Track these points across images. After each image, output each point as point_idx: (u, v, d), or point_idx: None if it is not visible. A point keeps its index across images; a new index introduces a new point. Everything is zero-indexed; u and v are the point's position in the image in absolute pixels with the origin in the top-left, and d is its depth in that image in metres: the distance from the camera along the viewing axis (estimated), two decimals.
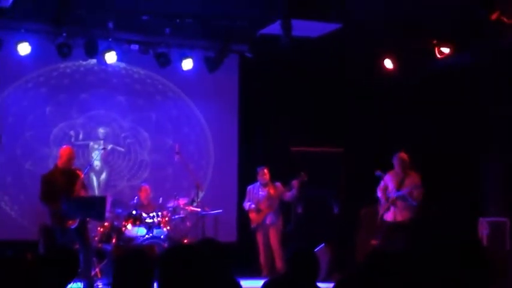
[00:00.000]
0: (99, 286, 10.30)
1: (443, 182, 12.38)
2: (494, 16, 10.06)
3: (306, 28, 11.79)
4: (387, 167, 11.34)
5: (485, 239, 11.11)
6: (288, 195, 12.52)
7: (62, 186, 10.15)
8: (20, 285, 4.83)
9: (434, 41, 12.18)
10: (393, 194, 11.01)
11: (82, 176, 10.48)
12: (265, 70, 14.07)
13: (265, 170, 12.56)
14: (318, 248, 12.06)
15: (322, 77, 14.05)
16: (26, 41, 12.48)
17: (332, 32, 12.04)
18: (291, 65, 13.79)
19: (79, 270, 10.07)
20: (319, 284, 5.38)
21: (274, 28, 11.66)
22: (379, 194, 11.28)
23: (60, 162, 10.40)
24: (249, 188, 12.76)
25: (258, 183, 12.62)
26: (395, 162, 11.16)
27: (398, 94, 13.52)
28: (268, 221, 12.44)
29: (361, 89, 14.00)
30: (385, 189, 11.22)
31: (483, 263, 3.94)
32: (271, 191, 12.49)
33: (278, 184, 12.60)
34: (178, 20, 12.13)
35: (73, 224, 10.06)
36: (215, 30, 12.94)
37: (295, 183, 12.34)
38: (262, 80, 14.17)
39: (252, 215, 12.57)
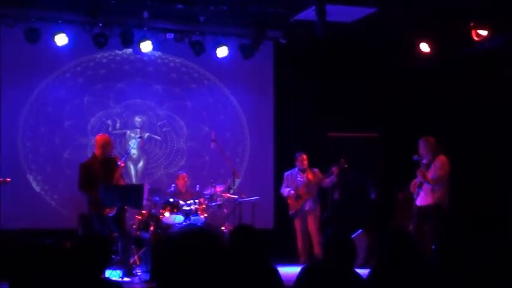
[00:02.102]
0: (138, 273, 10.35)
1: (481, 167, 12.26)
2: None
3: (340, 13, 11.74)
4: None
5: None
6: (327, 181, 12.48)
7: (99, 175, 10.19)
8: (59, 272, 4.89)
9: (471, 24, 12.04)
10: (419, 178, 10.91)
11: (122, 165, 10.53)
12: (300, 56, 14.01)
13: (304, 156, 12.53)
14: (355, 234, 12.04)
15: (357, 62, 13.96)
16: (62, 32, 12.59)
17: (367, 16, 11.97)
18: (325, 51, 13.72)
19: (118, 258, 10.25)
20: (357, 270, 5.38)
21: (309, 14, 11.62)
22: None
23: (96, 151, 10.45)
24: (287, 174, 12.74)
25: (296, 169, 12.59)
26: (421, 146, 11.00)
27: (435, 78, 13.39)
28: (306, 207, 12.42)
29: (396, 73, 13.89)
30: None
31: None
32: (310, 177, 12.46)
33: (316, 170, 12.57)
34: (212, 8, 12.13)
35: (111, 212, 10.12)
36: (249, 17, 12.94)
37: (335, 169, 12.29)
38: (297, 65, 14.11)
39: (291, 201, 12.55)
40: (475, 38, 11.99)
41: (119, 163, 10.52)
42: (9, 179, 11.64)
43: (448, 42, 12.63)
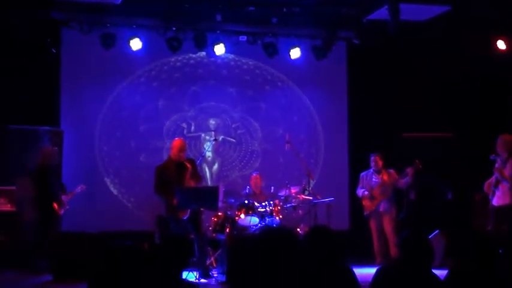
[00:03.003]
0: (214, 275, 10.43)
1: None
2: None
3: (414, 12, 11.63)
4: None
5: None
6: (402, 182, 12.38)
7: (174, 178, 10.31)
8: (138, 273, 4.97)
9: None
10: (496, 176, 10.75)
11: (190, 168, 10.58)
12: (373, 56, 13.94)
13: (378, 157, 12.45)
14: (432, 235, 11.92)
15: (432, 61, 13.82)
16: (137, 36, 12.77)
17: (441, 14, 11.83)
18: (399, 50, 13.61)
19: (194, 259, 10.34)
20: (434, 271, 5.33)
21: (382, 13, 11.55)
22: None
23: (172, 154, 10.58)
24: (362, 174, 12.68)
25: (371, 170, 12.53)
26: (498, 143, 10.86)
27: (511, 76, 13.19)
28: (381, 208, 12.35)
29: (472, 71, 13.70)
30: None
31: None
32: (385, 178, 12.38)
33: (392, 171, 12.48)
34: (285, 9, 12.16)
35: (184, 215, 10.22)
36: (322, 18, 12.92)
37: (410, 170, 12.19)
38: (371, 66, 14.04)
39: (366, 202, 12.49)
40: None
41: (188, 166, 10.55)
42: (83, 186, 11.88)
43: None
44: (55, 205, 10.79)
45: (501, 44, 12.81)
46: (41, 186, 10.86)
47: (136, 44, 12.80)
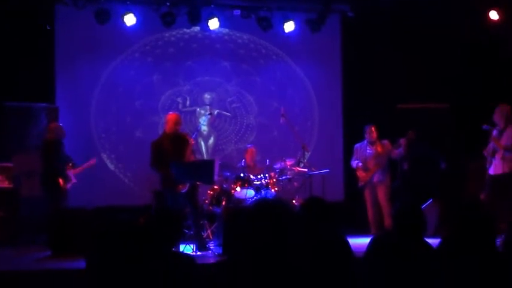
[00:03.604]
0: (211, 247, 10.48)
1: None
2: None
3: None
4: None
5: None
6: (396, 153, 12.42)
7: (170, 152, 10.33)
8: (133, 246, 5.02)
9: None
10: (493, 145, 10.82)
11: (192, 142, 10.66)
12: (367, 28, 13.93)
13: (373, 128, 12.46)
14: (425, 204, 11.99)
15: (425, 33, 13.81)
16: (131, 12, 12.77)
17: None
18: (393, 23, 13.61)
19: (191, 232, 10.40)
20: (427, 240, 5.37)
21: None
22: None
23: (167, 128, 10.60)
24: (356, 146, 12.70)
25: (365, 141, 12.55)
26: (496, 113, 10.92)
27: (504, 46, 13.19)
28: (376, 179, 12.39)
29: (466, 43, 13.70)
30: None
31: None
32: (379, 149, 12.41)
33: (385, 142, 12.50)
34: None
35: (183, 188, 10.27)
36: None
37: (402, 141, 12.22)
38: (365, 38, 14.04)
39: (360, 173, 12.53)
40: None
41: (189, 140, 10.65)
42: (95, 160, 11.94)
43: None
44: (60, 180, 10.78)
45: (494, 15, 12.81)
46: (47, 161, 10.87)
47: (130, 19, 12.79)
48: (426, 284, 4.88)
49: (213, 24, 13.10)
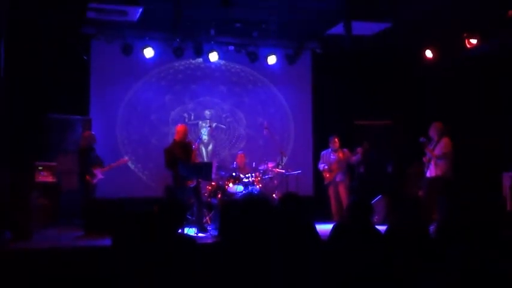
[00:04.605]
0: (209, 230, 10.47)
1: (472, 144, 12.12)
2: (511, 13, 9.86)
3: (362, 28, 11.67)
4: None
5: (508, 190, 10.84)
6: (354, 159, 12.39)
7: (179, 155, 10.36)
8: (149, 229, 5.03)
9: (465, 34, 11.88)
10: (428, 154, 10.88)
11: (196, 147, 10.65)
12: (332, 61, 13.96)
13: (336, 139, 12.44)
14: (376, 199, 12.02)
15: (377, 65, 13.88)
16: (149, 46, 12.75)
17: (383, 30, 11.88)
18: (353, 56, 13.65)
19: (193, 218, 10.38)
20: (377, 227, 5.40)
21: (338, 29, 11.58)
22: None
23: (177, 137, 10.62)
24: (323, 153, 12.68)
25: (330, 149, 12.51)
26: (431, 129, 10.98)
27: (437, 77, 13.25)
28: (338, 179, 12.36)
29: (407, 74, 13.77)
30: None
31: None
32: (341, 155, 12.39)
33: (346, 150, 12.47)
34: (263, 26, 12.15)
35: (192, 184, 10.31)
36: (292, 32, 12.95)
37: (359, 150, 12.23)
38: (330, 68, 14.05)
39: (325, 174, 12.51)
40: (468, 46, 11.84)
41: (193, 146, 10.66)
42: (127, 158, 11.91)
43: (446, 48, 12.51)
44: (87, 177, 10.76)
45: (429, 53, 12.88)
46: (80, 163, 10.86)
47: (149, 52, 12.78)
48: (375, 259, 4.91)
49: (213, 56, 13.10)
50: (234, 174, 11.47)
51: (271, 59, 13.58)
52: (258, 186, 11.37)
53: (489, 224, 3.96)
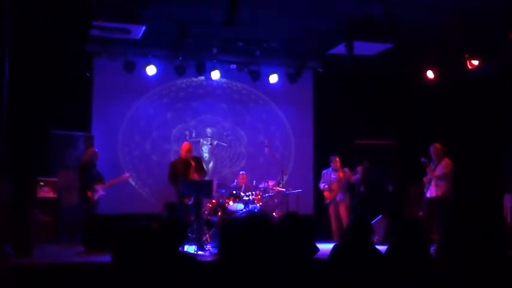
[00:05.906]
0: (209, 248, 10.44)
1: (472, 165, 12.13)
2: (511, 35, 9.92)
3: (364, 48, 11.70)
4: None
5: (510, 211, 10.84)
6: (354, 178, 12.44)
7: (181, 172, 10.41)
8: (149, 246, 5.01)
9: (466, 55, 11.94)
10: (429, 175, 10.90)
11: (193, 164, 10.63)
12: (333, 80, 14.03)
13: (337, 158, 12.49)
14: (376, 219, 11.99)
15: (378, 85, 13.93)
16: (152, 63, 12.79)
17: (385, 50, 11.93)
18: (354, 76, 13.71)
19: (193, 236, 10.35)
20: (377, 246, 5.39)
21: (340, 49, 11.62)
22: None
23: (182, 154, 10.69)
24: (323, 172, 12.73)
25: (331, 168, 12.56)
26: (431, 151, 11.02)
27: (438, 97, 13.29)
28: (338, 198, 12.38)
29: (408, 94, 13.81)
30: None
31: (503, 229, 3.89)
32: (341, 175, 12.43)
33: (346, 169, 12.52)
34: (265, 45, 12.20)
35: (189, 201, 10.29)
36: (294, 52, 13.00)
37: (359, 169, 12.26)
38: (332, 88, 14.14)
39: (326, 193, 12.53)
40: (469, 67, 11.90)
41: (192, 164, 10.62)
42: (128, 175, 11.92)
43: (447, 69, 12.56)
44: (89, 193, 10.77)
45: (430, 74, 12.93)
46: (81, 179, 10.88)
47: (151, 69, 12.83)
48: (375, 279, 4.89)
49: (215, 75, 13.14)
50: (234, 192, 11.47)
51: (273, 78, 13.63)
52: (258, 205, 11.35)
53: (490, 244, 3.94)
